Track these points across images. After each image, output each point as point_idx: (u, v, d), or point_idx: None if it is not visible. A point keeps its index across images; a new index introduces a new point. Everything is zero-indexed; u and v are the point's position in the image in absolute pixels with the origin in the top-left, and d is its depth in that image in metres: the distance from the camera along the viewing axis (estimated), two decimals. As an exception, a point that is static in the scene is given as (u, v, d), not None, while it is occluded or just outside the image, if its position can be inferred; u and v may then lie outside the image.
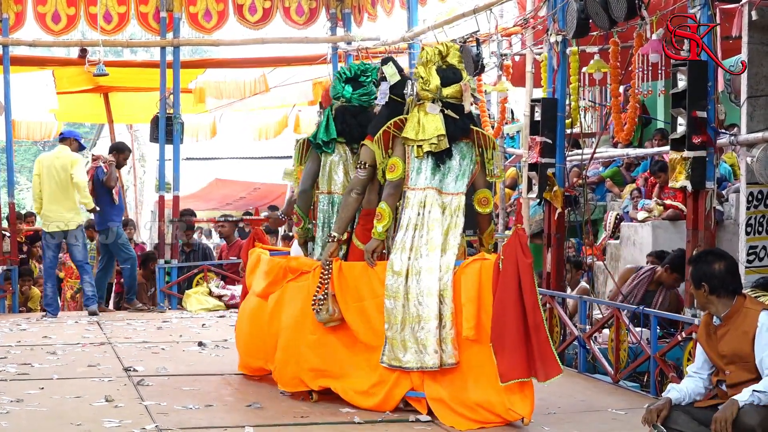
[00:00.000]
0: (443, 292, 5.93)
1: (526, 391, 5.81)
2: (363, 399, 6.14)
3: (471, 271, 5.96)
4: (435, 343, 5.90)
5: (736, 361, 4.94)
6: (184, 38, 12.79)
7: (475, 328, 5.87)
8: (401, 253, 6.03)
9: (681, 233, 8.70)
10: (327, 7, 13.07)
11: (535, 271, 10.32)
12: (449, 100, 6.16)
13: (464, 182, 6.20)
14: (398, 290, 5.98)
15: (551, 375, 5.79)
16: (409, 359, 5.96)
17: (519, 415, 5.78)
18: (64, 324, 10.40)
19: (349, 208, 6.38)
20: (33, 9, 12.41)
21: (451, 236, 6.10)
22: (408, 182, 6.18)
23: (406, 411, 6.04)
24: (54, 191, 11.20)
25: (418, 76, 6.21)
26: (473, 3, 10.14)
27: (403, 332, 5.96)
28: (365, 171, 6.37)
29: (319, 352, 6.32)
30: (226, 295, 11.79)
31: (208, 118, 17.37)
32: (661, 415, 4.94)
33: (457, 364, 5.94)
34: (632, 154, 11.74)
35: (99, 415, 5.89)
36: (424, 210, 6.10)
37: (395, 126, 6.23)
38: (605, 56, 8.45)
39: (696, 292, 5.09)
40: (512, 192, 14.16)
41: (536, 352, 5.76)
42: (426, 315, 5.90)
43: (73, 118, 21.72)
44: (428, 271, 5.95)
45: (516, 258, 5.80)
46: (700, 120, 6.63)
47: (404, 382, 6.04)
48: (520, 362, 5.75)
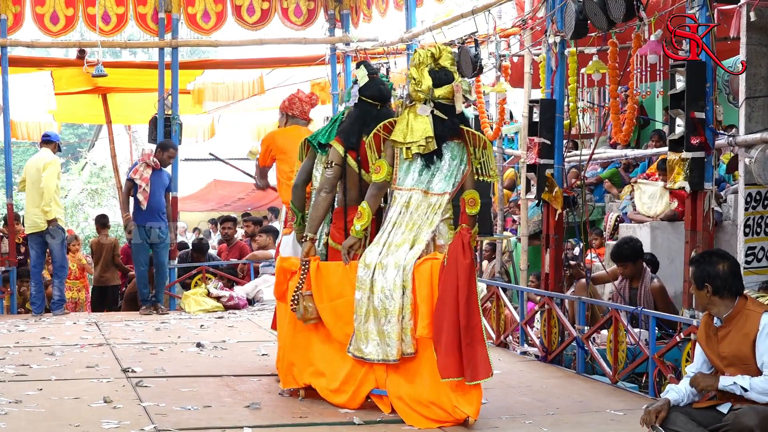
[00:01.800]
0: (405, 284, 6.02)
1: (473, 390, 5.87)
2: (334, 396, 6.29)
3: (424, 271, 6.04)
4: (398, 335, 5.99)
5: (736, 363, 4.94)
6: (183, 39, 12.80)
7: (428, 327, 5.96)
8: (375, 248, 6.15)
9: (679, 234, 8.71)
10: (325, 8, 13.08)
11: (533, 272, 10.44)
12: (441, 101, 6.20)
13: (452, 182, 6.23)
14: (366, 282, 6.08)
15: (478, 377, 5.82)
16: (370, 351, 6.06)
17: (465, 414, 5.85)
18: (63, 325, 10.39)
19: (319, 207, 6.49)
20: (31, 10, 12.41)
21: (423, 233, 6.16)
22: (396, 182, 6.27)
23: (371, 408, 6.13)
24: (30, 192, 11.32)
25: (411, 77, 6.27)
26: (471, 4, 10.15)
27: (367, 324, 6.07)
28: (332, 170, 6.47)
29: (301, 350, 6.49)
30: (224, 296, 11.78)
31: (207, 119, 17.38)
32: (659, 417, 4.95)
33: (416, 354, 6.02)
34: (630, 155, 11.74)
35: (97, 416, 5.88)
36: (407, 210, 6.20)
37: (385, 129, 6.31)
38: (603, 57, 8.45)
39: (698, 293, 5.08)
40: (510, 193, 14.18)
41: (466, 352, 5.82)
42: (392, 308, 6.00)
43: (71, 119, 21.74)
44: (394, 266, 6.03)
45: (456, 258, 5.89)
46: (699, 121, 6.63)
47: (370, 378, 6.15)
48: (454, 361, 5.84)
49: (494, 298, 9.08)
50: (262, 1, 12.83)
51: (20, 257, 12.59)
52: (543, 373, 7.72)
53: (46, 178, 11.16)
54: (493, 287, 9.32)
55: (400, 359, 6.01)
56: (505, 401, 6.55)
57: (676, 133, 6.79)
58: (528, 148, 8.99)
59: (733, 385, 4.82)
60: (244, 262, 12.92)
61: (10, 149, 12.77)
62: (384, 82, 6.67)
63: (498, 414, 6.16)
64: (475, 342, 5.84)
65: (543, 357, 8.23)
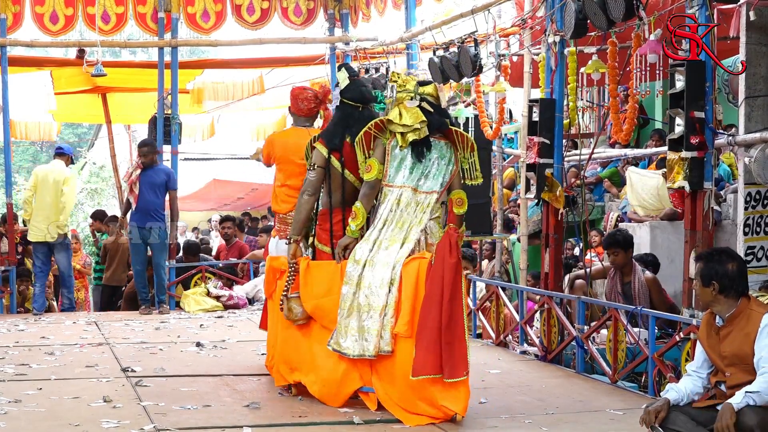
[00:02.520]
0: (393, 282, 6.09)
1: (460, 387, 5.91)
2: (319, 393, 6.35)
3: (411, 270, 6.10)
4: (377, 331, 6.05)
5: (737, 362, 4.94)
6: (182, 39, 12.79)
7: (408, 324, 6.01)
8: (365, 244, 6.21)
9: (679, 233, 8.71)
10: (325, 8, 13.07)
11: (531, 272, 10.43)
12: (427, 98, 6.34)
13: (439, 181, 6.30)
14: (353, 278, 6.15)
15: (455, 375, 5.88)
16: (348, 346, 6.11)
17: (452, 411, 5.89)
18: (62, 324, 10.40)
19: (303, 209, 6.58)
20: (31, 9, 12.40)
21: (413, 231, 6.22)
22: (386, 179, 6.32)
23: (357, 405, 6.18)
24: (43, 203, 11.42)
25: (395, 82, 6.40)
26: (471, 3, 10.14)
27: (348, 318, 6.13)
28: (315, 172, 6.55)
29: (291, 347, 6.58)
30: (224, 295, 11.78)
31: (206, 118, 17.37)
32: (659, 416, 4.94)
33: (393, 353, 6.06)
34: (630, 154, 11.75)
35: (97, 415, 5.88)
36: (397, 208, 6.26)
37: (377, 127, 6.37)
38: (603, 56, 8.45)
39: (703, 290, 5.06)
40: (510, 192, 14.18)
41: (445, 349, 5.88)
42: (375, 305, 6.06)
43: (70, 119, 21.73)
44: (384, 264, 6.10)
45: (443, 257, 5.96)
46: (698, 120, 6.63)
47: (354, 376, 6.20)
48: (434, 359, 5.89)
49: (494, 297, 9.08)
50: (261, 1, 12.82)
51: (18, 257, 12.58)
52: (542, 373, 7.71)
53: (68, 194, 11.43)
54: (492, 287, 9.32)
55: (376, 356, 6.06)
56: (505, 401, 6.54)
57: (676, 132, 6.79)
58: (527, 148, 8.99)
59: (745, 397, 4.77)
60: (243, 262, 12.93)
61: (9, 149, 12.76)
62: (365, 84, 6.85)
63: (497, 413, 6.16)
64: (456, 340, 5.91)
65: (542, 356, 8.23)
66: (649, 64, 7.37)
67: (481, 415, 6.08)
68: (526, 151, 9.23)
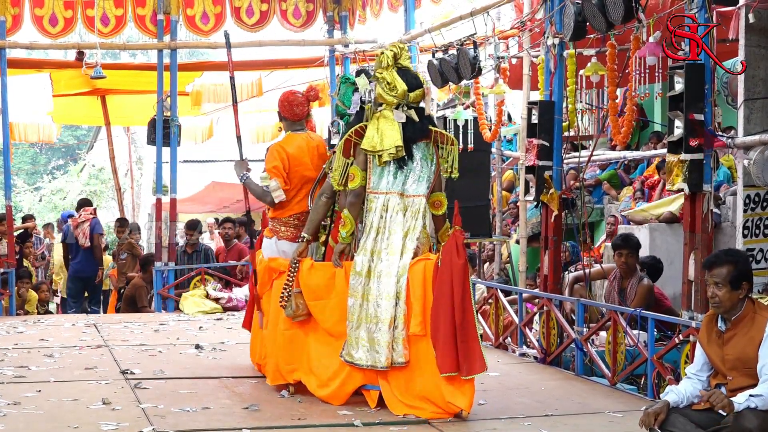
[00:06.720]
0: (399, 294, 6.20)
1: (466, 384, 6.01)
2: (320, 390, 6.44)
3: (417, 271, 6.20)
4: (387, 343, 6.14)
5: (739, 366, 4.93)
6: (181, 41, 12.83)
7: (421, 324, 6.12)
8: (363, 255, 6.29)
9: (678, 236, 8.71)
10: (324, 10, 13.08)
11: (530, 274, 10.43)
12: (413, 104, 6.41)
13: (425, 184, 6.40)
14: (358, 290, 6.24)
15: (473, 371, 5.99)
16: (360, 356, 6.22)
17: (458, 408, 5.99)
18: (61, 327, 10.39)
19: (318, 211, 6.71)
20: (30, 11, 12.41)
21: (409, 239, 6.32)
22: (370, 185, 6.40)
23: (356, 407, 6.24)
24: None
25: (384, 80, 6.38)
26: (470, 5, 10.14)
27: (358, 330, 6.23)
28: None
29: (291, 346, 6.65)
30: (223, 297, 11.78)
31: (205, 120, 17.36)
32: (658, 418, 4.94)
33: (407, 363, 6.17)
34: (629, 156, 11.74)
35: (96, 417, 5.88)
36: (386, 214, 6.35)
37: (356, 134, 6.43)
38: (602, 59, 8.45)
39: (730, 293, 4.96)
40: (509, 194, 14.17)
41: (461, 348, 5.97)
42: (384, 317, 6.15)
43: (70, 121, 21.72)
44: (387, 275, 6.20)
45: (450, 258, 6.03)
46: (697, 122, 6.63)
47: (357, 375, 6.29)
48: (451, 357, 5.99)
49: (493, 299, 9.08)
50: (260, 3, 12.83)
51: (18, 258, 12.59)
52: (542, 375, 7.72)
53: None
54: (492, 289, 9.32)
55: (389, 367, 6.15)
56: (504, 402, 6.55)
57: (675, 134, 6.78)
58: (527, 150, 8.99)
59: (747, 400, 4.75)
60: (242, 264, 12.91)
61: (9, 151, 12.76)
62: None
63: (497, 415, 6.16)
64: (470, 339, 6.01)
65: (542, 359, 8.23)
66: (648, 66, 7.36)
67: (481, 416, 6.09)
68: (525, 154, 9.23)
